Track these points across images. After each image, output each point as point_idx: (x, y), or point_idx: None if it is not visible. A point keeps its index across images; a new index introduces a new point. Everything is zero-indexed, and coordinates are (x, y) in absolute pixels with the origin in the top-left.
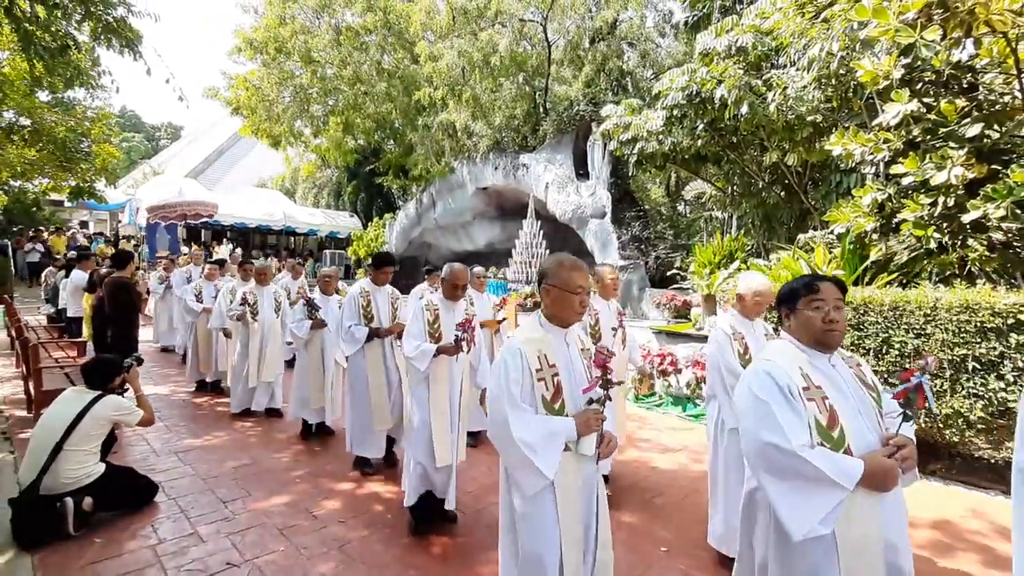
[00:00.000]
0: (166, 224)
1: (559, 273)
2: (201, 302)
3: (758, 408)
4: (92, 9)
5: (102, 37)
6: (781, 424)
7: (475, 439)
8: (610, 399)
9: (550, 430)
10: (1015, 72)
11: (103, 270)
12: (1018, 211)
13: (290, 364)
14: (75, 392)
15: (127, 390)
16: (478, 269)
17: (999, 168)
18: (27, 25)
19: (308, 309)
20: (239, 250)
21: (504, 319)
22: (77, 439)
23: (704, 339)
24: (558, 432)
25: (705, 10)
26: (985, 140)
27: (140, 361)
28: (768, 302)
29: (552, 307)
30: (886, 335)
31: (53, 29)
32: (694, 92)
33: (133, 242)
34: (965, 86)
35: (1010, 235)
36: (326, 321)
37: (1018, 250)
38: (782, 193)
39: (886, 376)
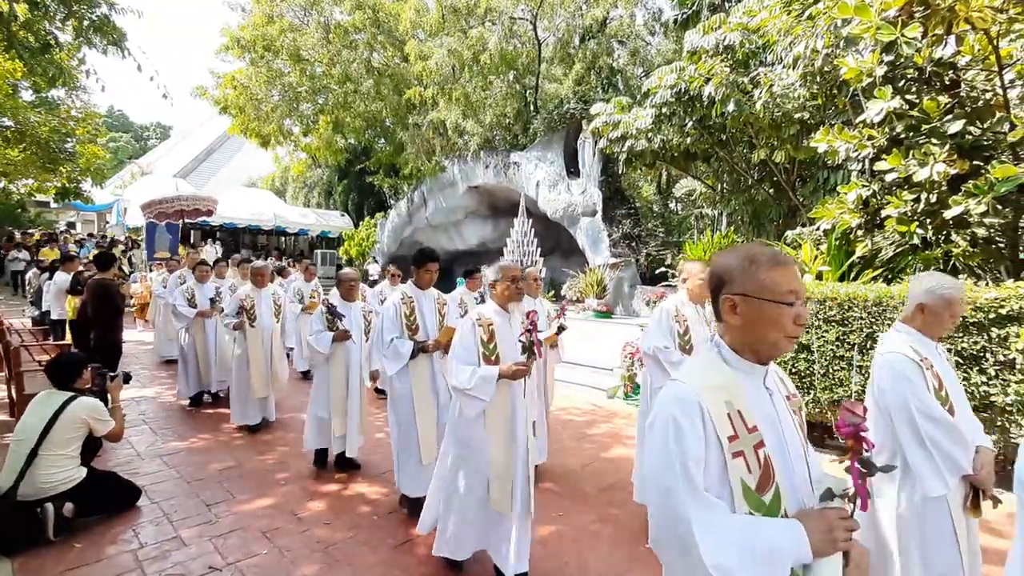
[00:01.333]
0: (166, 223)
1: (753, 274)
2: (195, 306)
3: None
4: (74, 8)
5: (85, 36)
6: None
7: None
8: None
9: (767, 545)
10: (996, 69)
11: (86, 272)
12: (999, 206)
13: (305, 376)
14: (47, 394)
15: (95, 391)
16: (531, 269)
17: (980, 164)
18: (11, 25)
19: (329, 318)
20: (220, 250)
21: (563, 329)
22: (53, 443)
23: None
24: (780, 551)
25: (694, 8)
26: (967, 136)
27: (128, 378)
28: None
29: (744, 330)
30: (870, 330)
31: (35, 28)
32: (683, 90)
33: (121, 246)
34: (947, 83)
35: (992, 230)
36: (350, 332)
37: (1000, 245)
38: (770, 190)
39: (871, 370)
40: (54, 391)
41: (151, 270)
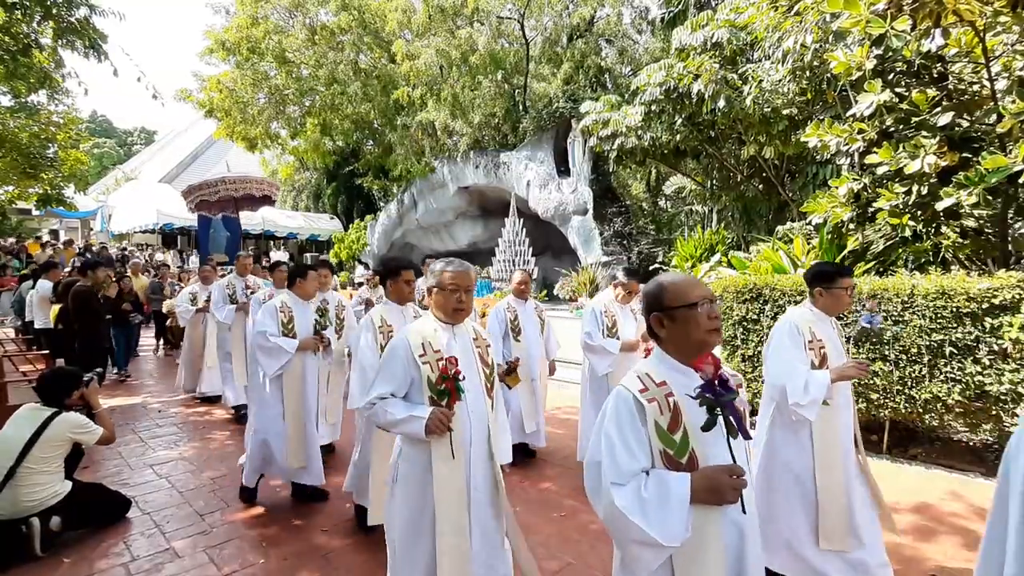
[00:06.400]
0: (222, 217)
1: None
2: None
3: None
4: (53, 10)
5: (64, 38)
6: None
7: None
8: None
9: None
10: (983, 61)
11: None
12: (989, 197)
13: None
14: (30, 410)
15: (80, 408)
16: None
17: (970, 156)
18: None
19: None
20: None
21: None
22: (34, 460)
23: None
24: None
25: (680, 6)
26: (956, 128)
27: (102, 377)
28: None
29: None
30: None
31: (14, 31)
32: (671, 87)
33: (149, 249)
34: (935, 76)
35: (982, 221)
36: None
37: (990, 236)
38: (760, 186)
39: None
40: (37, 406)
41: (183, 280)
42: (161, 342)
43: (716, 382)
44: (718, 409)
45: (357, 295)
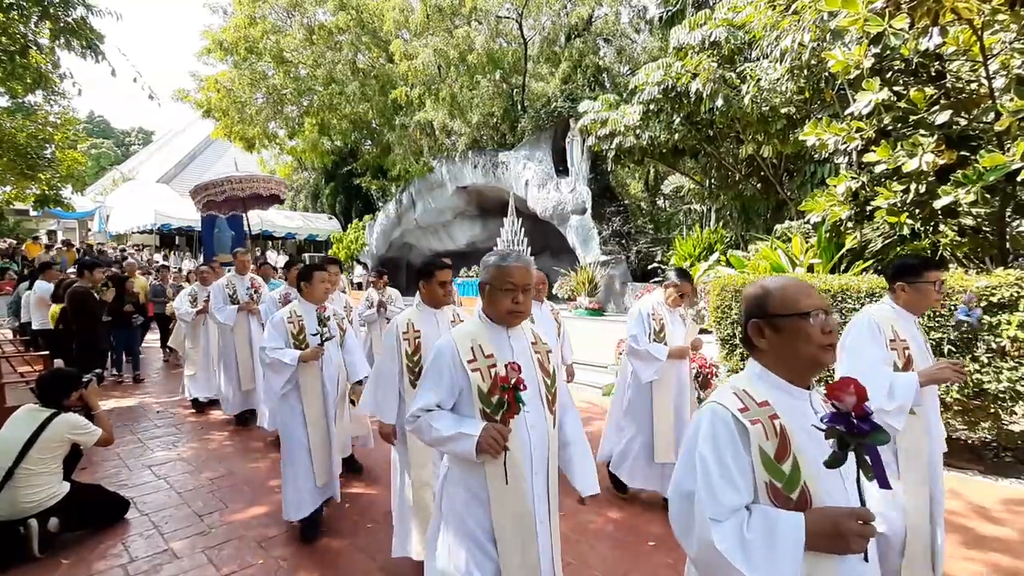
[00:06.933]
0: (231, 215)
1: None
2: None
3: None
4: (50, 10)
5: (62, 39)
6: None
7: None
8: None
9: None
10: (981, 59)
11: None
12: (987, 195)
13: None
14: (28, 411)
15: (79, 409)
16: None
17: (968, 154)
18: None
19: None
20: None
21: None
22: (33, 462)
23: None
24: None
25: (678, 5)
26: (954, 127)
27: (101, 378)
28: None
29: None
30: None
31: (11, 31)
32: (670, 86)
33: (145, 251)
34: (933, 74)
35: (980, 219)
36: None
37: (987, 234)
38: (758, 185)
39: None
40: (36, 407)
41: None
42: (167, 349)
43: (853, 416)
44: (852, 446)
45: (365, 297)
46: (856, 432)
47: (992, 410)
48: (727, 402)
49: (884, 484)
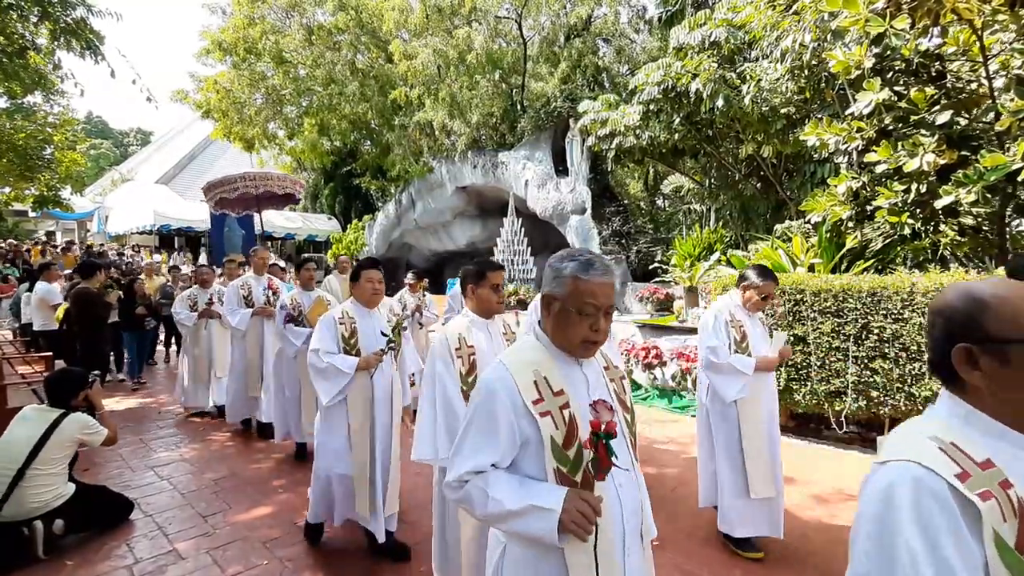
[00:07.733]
0: (244, 214)
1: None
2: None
3: None
4: (50, 11)
5: (61, 39)
6: None
7: None
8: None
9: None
10: (981, 59)
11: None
12: (988, 195)
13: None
14: (36, 411)
15: (84, 409)
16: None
17: (968, 154)
18: None
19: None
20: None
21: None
22: (43, 462)
23: (688, 331)
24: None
25: (678, 5)
26: (955, 127)
27: (102, 379)
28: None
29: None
30: (865, 321)
31: (9, 32)
32: (669, 86)
33: (143, 251)
34: (934, 74)
35: (980, 219)
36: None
37: (988, 234)
38: (758, 185)
39: (867, 361)
40: (42, 407)
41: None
42: (173, 351)
43: None
44: None
45: (397, 299)
46: None
47: None
48: (933, 463)
49: None
